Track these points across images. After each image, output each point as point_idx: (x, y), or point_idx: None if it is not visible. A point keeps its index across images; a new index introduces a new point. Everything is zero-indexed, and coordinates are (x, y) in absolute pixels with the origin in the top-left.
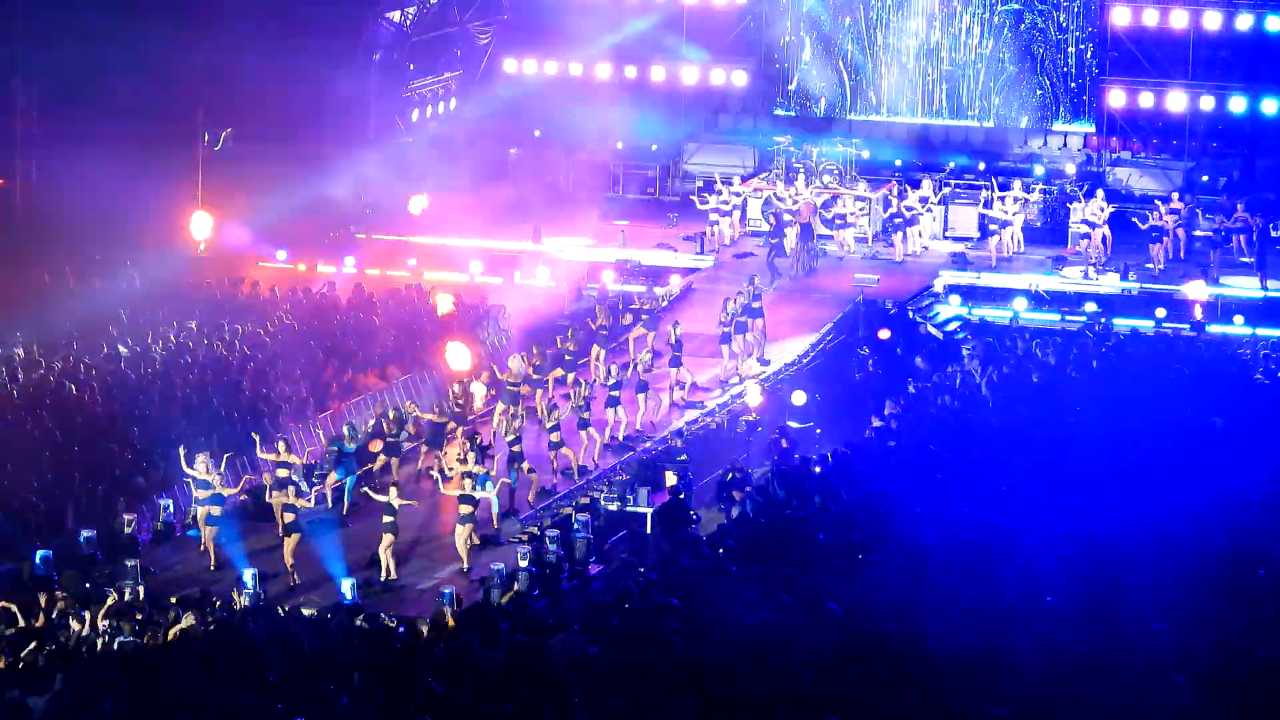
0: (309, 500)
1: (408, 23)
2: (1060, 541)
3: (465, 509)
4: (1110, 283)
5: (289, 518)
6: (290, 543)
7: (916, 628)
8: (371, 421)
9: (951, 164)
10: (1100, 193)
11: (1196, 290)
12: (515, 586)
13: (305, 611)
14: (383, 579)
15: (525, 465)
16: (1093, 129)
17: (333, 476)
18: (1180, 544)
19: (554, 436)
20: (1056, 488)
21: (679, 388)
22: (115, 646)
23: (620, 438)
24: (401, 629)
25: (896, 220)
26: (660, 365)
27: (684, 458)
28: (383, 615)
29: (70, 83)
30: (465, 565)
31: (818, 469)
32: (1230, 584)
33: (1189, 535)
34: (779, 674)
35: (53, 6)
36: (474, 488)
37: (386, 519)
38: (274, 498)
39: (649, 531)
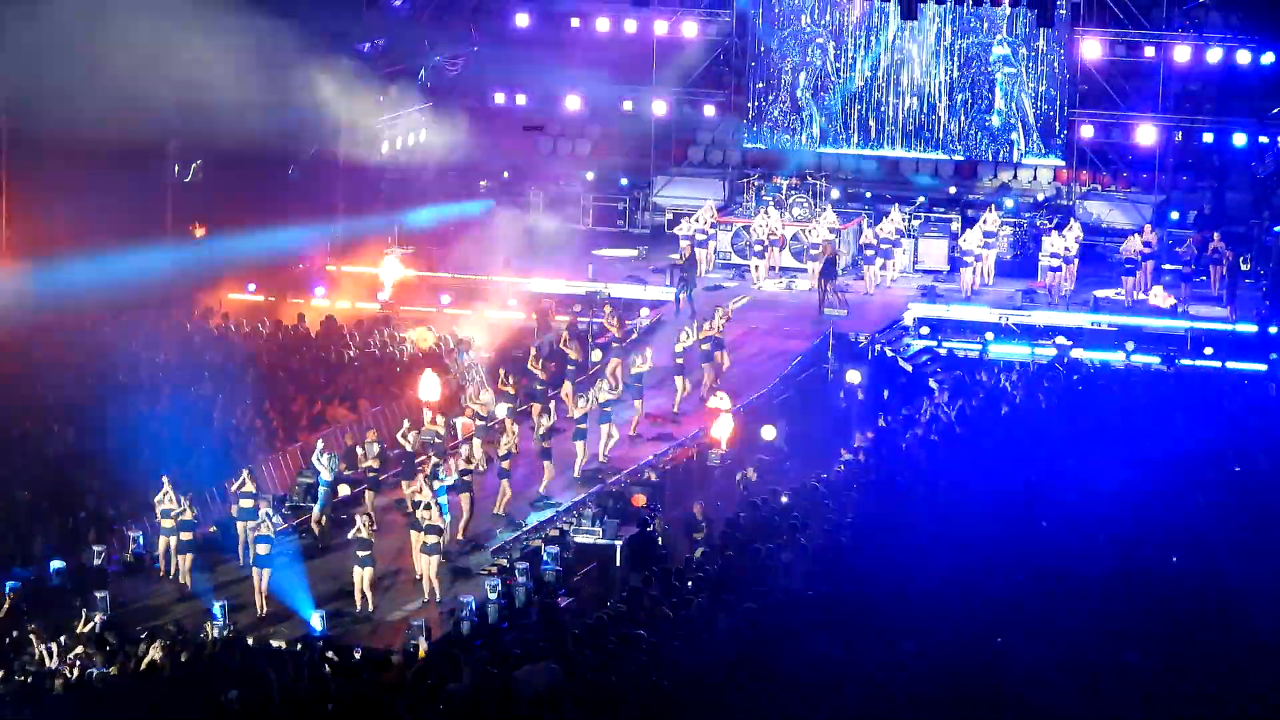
0: (279, 528)
1: (377, 54)
2: (1029, 580)
3: (429, 539)
4: (1080, 316)
5: (262, 549)
6: (260, 574)
7: (879, 660)
8: (342, 453)
9: (921, 199)
10: (1075, 224)
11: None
12: (485, 618)
13: (274, 643)
14: (359, 609)
15: (465, 496)
16: (1063, 162)
17: (315, 512)
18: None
19: (505, 464)
20: (1024, 524)
21: (641, 419)
22: (85, 678)
23: (582, 470)
24: (371, 660)
25: (867, 252)
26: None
27: (651, 479)
28: (354, 647)
29: (41, 113)
30: (427, 596)
31: (785, 498)
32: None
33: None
34: (746, 705)
35: (22, 35)
36: (438, 516)
37: (361, 552)
38: (243, 528)
39: (618, 564)
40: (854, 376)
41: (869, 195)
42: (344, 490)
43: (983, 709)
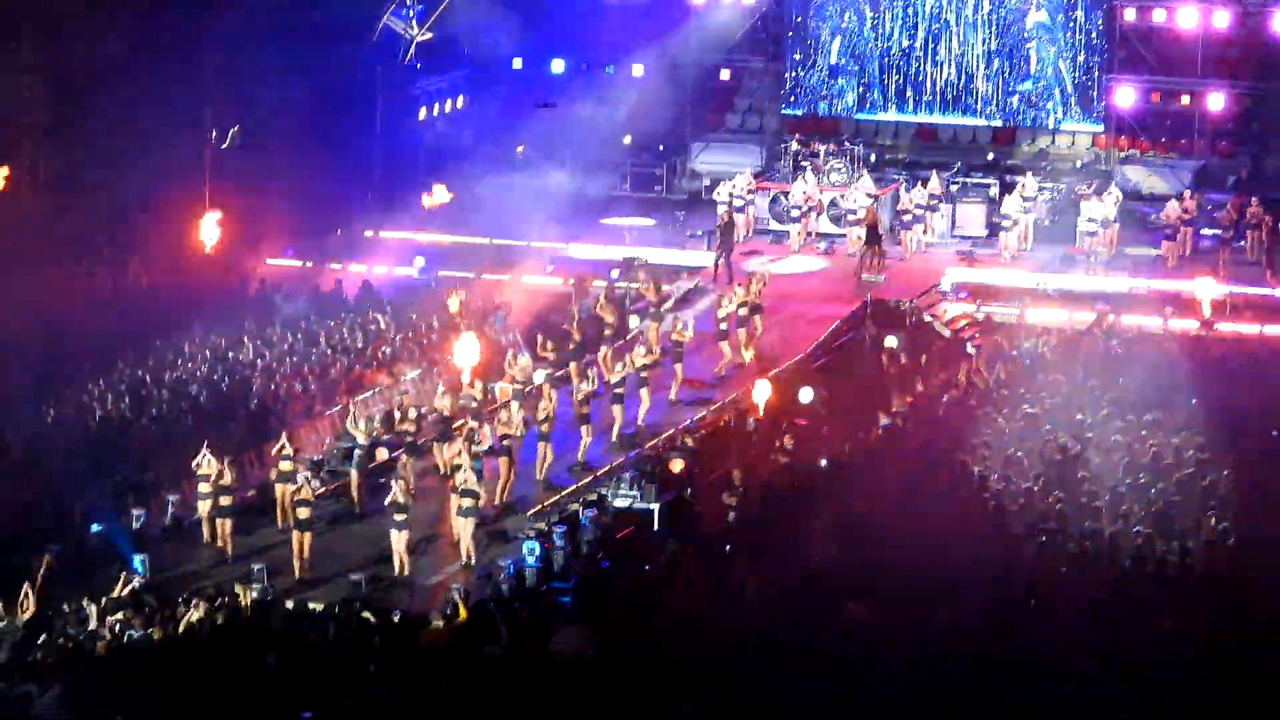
0: (318, 492)
1: (414, 21)
2: (1063, 547)
3: (465, 503)
4: (1118, 281)
5: (302, 513)
6: (300, 537)
7: (911, 629)
8: (379, 418)
9: (959, 164)
10: (1113, 188)
11: (1205, 289)
12: (523, 582)
13: (313, 606)
14: (397, 573)
15: (505, 460)
16: (1101, 128)
17: (353, 476)
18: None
19: (544, 429)
20: (1060, 491)
21: (680, 384)
22: (125, 640)
23: (619, 435)
24: (410, 623)
25: (904, 217)
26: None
27: (688, 445)
28: (393, 610)
29: (78, 78)
30: (464, 559)
31: (823, 462)
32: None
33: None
34: (778, 672)
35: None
36: (475, 480)
37: (397, 516)
38: (282, 492)
39: (656, 529)
40: (891, 342)
41: (906, 160)
42: (381, 454)
43: (1013, 676)
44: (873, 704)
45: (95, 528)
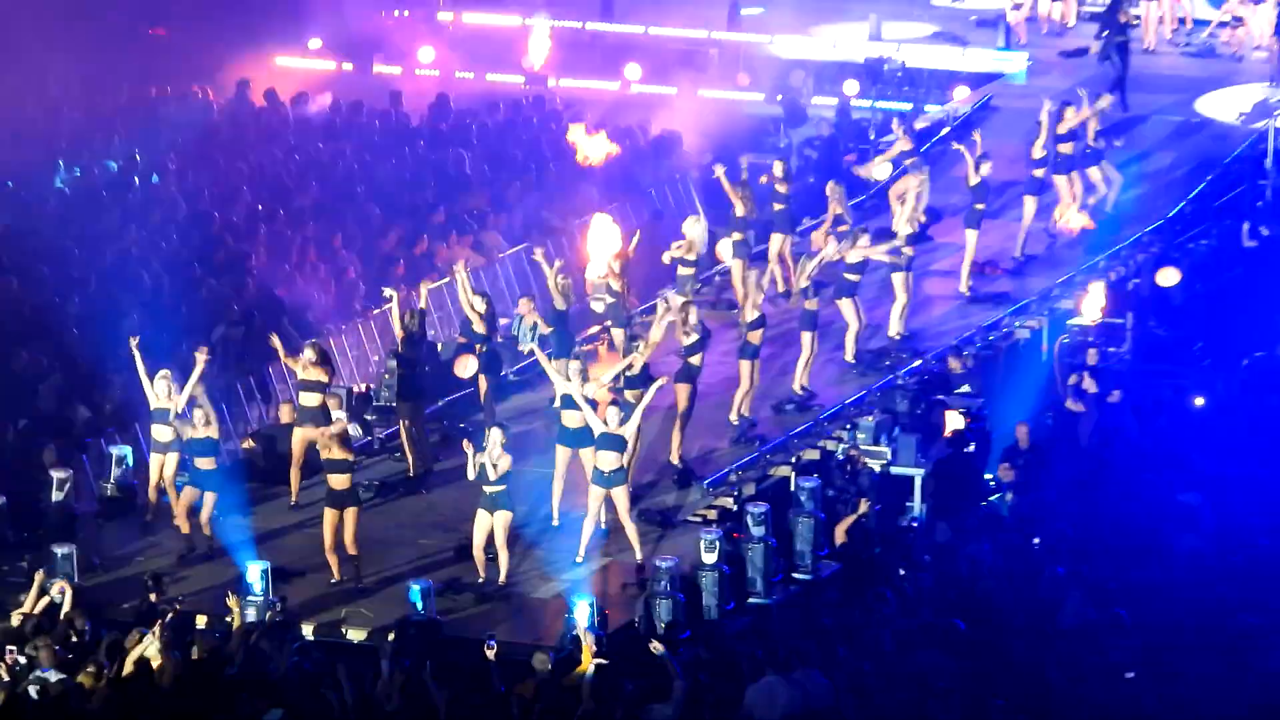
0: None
1: None
2: None
3: (606, 462)
4: None
5: (335, 481)
6: (331, 519)
7: None
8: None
9: None
10: None
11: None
12: (697, 595)
13: (351, 634)
14: (485, 579)
15: (684, 389)
16: None
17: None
18: None
19: (752, 338)
20: None
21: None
22: (34, 689)
23: (859, 351)
24: (507, 661)
25: None
26: (937, 232)
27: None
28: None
29: None
30: (583, 556)
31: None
32: None
33: None
34: None
35: None
36: (619, 423)
37: (490, 487)
38: (300, 443)
39: (918, 507)
40: None
41: None
42: (466, 367)
43: None
44: None
45: None
